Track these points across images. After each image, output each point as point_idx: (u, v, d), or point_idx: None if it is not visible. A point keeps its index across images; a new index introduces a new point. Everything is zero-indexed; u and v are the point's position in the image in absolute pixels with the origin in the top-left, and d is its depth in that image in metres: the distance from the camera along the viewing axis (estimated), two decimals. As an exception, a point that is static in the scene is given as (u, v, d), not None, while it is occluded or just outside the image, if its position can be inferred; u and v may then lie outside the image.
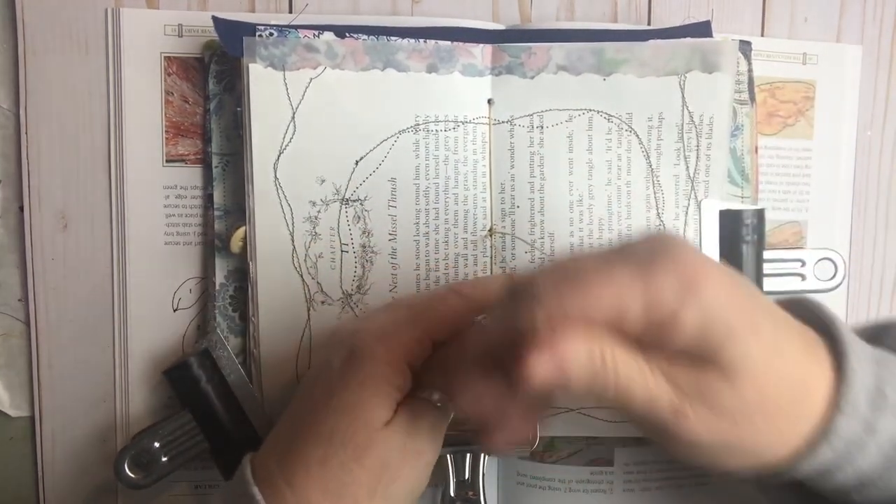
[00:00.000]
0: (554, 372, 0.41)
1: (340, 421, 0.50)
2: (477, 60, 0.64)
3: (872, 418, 0.44)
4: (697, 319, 0.41)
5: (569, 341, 0.41)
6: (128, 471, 0.61)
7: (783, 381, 0.44)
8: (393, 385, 0.51)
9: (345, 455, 0.50)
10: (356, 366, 0.51)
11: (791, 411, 0.44)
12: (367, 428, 0.50)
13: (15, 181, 0.65)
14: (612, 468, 0.68)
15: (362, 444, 0.50)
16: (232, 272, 0.65)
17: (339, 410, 0.51)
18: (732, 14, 0.69)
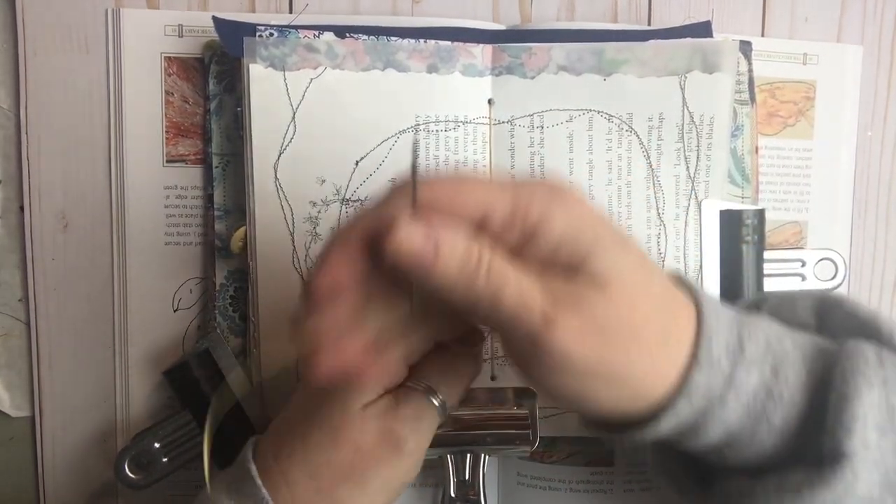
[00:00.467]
0: (426, 248, 0.40)
1: (323, 400, 0.51)
2: (477, 60, 0.64)
3: (731, 371, 0.44)
4: (564, 223, 0.41)
5: (447, 228, 0.41)
6: (128, 471, 0.62)
7: (653, 303, 0.43)
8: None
9: (321, 435, 0.50)
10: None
11: (661, 343, 0.43)
12: (342, 409, 0.50)
13: (15, 181, 0.65)
14: (612, 468, 0.68)
15: (336, 426, 0.50)
16: (232, 272, 0.65)
17: (322, 392, 0.51)
18: (733, 14, 0.69)
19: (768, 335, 0.45)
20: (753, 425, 0.45)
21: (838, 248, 0.69)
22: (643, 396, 0.44)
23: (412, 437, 0.51)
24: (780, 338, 0.46)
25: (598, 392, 0.43)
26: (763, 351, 0.44)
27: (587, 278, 0.42)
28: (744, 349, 0.44)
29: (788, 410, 0.44)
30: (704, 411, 0.44)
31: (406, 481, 0.53)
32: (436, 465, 0.65)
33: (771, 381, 0.44)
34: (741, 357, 0.44)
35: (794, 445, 0.45)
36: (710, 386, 0.44)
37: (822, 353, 0.46)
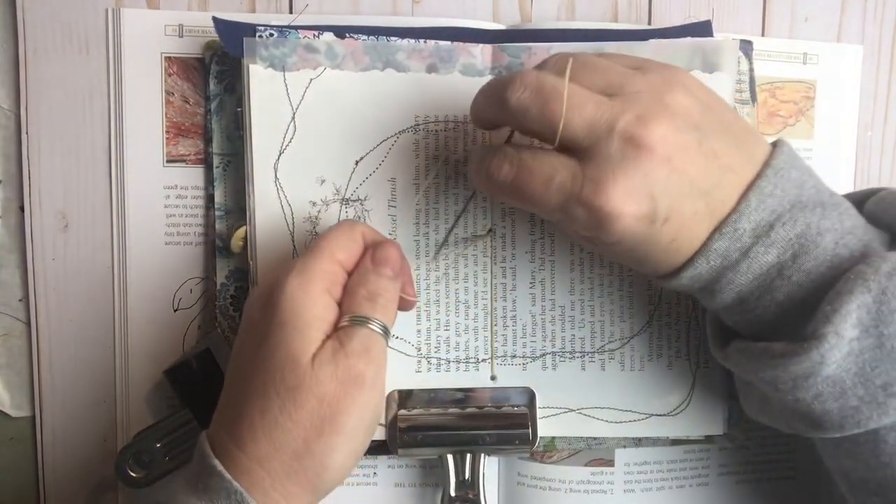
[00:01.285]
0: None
1: (269, 368, 0.51)
2: (477, 60, 0.64)
3: (751, 245, 0.50)
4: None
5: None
6: (129, 470, 0.62)
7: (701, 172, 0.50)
8: (313, 316, 0.52)
9: (280, 401, 0.51)
10: (273, 309, 0.52)
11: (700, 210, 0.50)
12: (294, 365, 0.51)
13: (15, 181, 0.65)
14: (613, 469, 0.68)
15: (293, 384, 0.51)
16: (233, 272, 0.65)
17: (267, 358, 0.52)
18: (733, 14, 0.69)
19: (810, 226, 0.50)
20: (760, 294, 0.51)
21: (838, 248, 0.69)
22: (680, 251, 0.51)
23: (369, 368, 0.52)
24: (824, 231, 0.50)
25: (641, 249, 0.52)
26: (793, 237, 0.50)
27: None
28: (771, 231, 0.50)
29: (792, 290, 0.50)
30: (719, 272, 0.51)
31: (378, 414, 0.54)
32: (436, 464, 0.66)
33: (787, 262, 0.50)
34: (765, 237, 0.50)
35: (789, 322, 0.51)
36: (728, 252, 0.50)
37: (861, 256, 0.50)
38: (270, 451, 0.51)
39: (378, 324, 0.54)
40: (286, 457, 0.51)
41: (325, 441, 0.51)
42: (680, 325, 0.65)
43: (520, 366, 0.65)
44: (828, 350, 0.47)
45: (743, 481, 0.70)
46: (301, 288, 0.52)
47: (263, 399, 0.51)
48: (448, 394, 0.65)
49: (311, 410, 0.50)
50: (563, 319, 0.65)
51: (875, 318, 0.47)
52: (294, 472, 0.51)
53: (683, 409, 0.65)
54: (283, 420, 0.51)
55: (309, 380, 0.51)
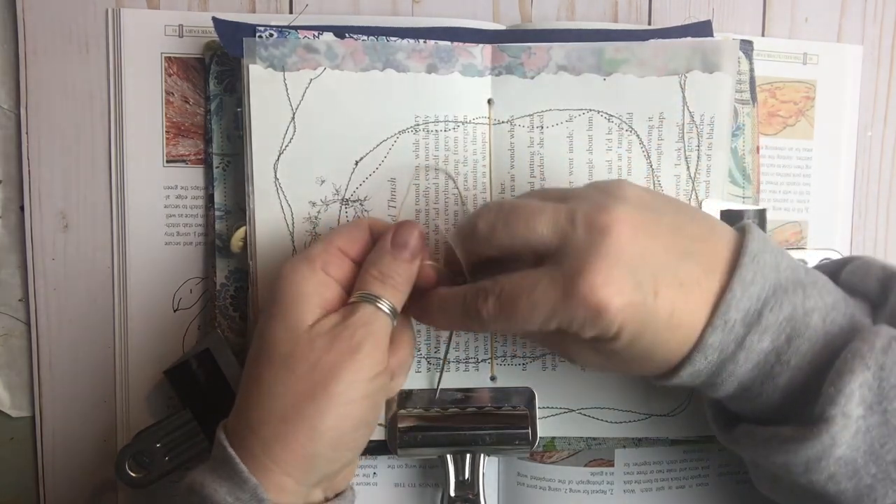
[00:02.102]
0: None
1: (266, 340, 0.53)
2: (477, 60, 0.64)
3: (744, 335, 0.50)
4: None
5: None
6: (129, 470, 0.62)
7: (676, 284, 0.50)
8: (307, 291, 0.54)
9: (273, 367, 0.52)
10: (272, 292, 0.55)
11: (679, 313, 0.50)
12: (289, 334, 0.53)
13: (15, 181, 0.65)
14: (613, 469, 0.68)
15: (288, 351, 0.52)
16: (233, 272, 0.65)
17: (265, 332, 0.54)
18: (733, 14, 0.69)
19: (796, 307, 0.50)
20: (762, 381, 0.51)
21: (838, 248, 0.69)
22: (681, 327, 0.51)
23: (367, 339, 0.53)
24: (810, 311, 0.50)
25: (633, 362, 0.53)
26: (783, 320, 0.50)
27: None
28: (760, 318, 0.50)
29: (794, 374, 0.50)
30: (718, 365, 0.51)
31: (375, 385, 0.54)
32: (436, 464, 0.66)
33: (783, 347, 0.50)
34: (756, 324, 0.50)
35: (795, 405, 0.51)
36: (724, 345, 0.50)
37: (850, 331, 0.50)
38: (262, 416, 0.52)
39: (386, 303, 0.55)
40: (276, 421, 0.51)
41: (316, 405, 0.51)
42: (680, 326, 0.65)
43: (519, 366, 0.65)
44: (838, 432, 0.47)
45: (743, 481, 0.70)
46: (292, 269, 0.55)
47: (258, 367, 0.53)
48: (448, 394, 0.65)
49: (303, 375, 0.51)
50: (562, 319, 0.65)
51: (878, 395, 0.47)
52: (283, 437, 0.51)
53: (683, 409, 0.65)
54: (275, 385, 0.52)
55: (304, 346, 0.52)
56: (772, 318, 0.50)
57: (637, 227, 0.49)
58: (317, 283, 0.54)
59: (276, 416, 0.51)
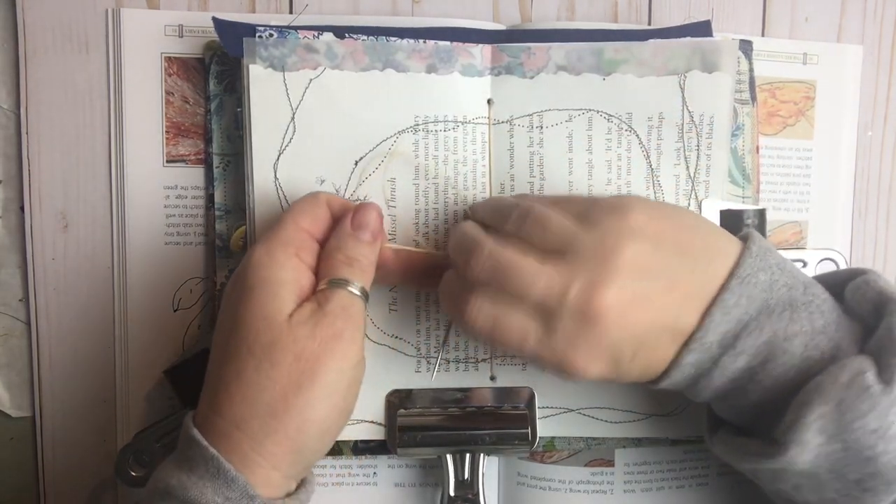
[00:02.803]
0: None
1: (243, 330, 0.52)
2: (476, 60, 0.64)
3: (720, 356, 0.51)
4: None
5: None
6: (129, 469, 0.62)
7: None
8: (283, 279, 0.53)
9: (255, 360, 0.51)
10: (243, 277, 0.54)
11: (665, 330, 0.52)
12: (268, 324, 0.52)
13: (15, 181, 0.65)
14: (613, 469, 0.68)
15: (269, 342, 0.51)
16: (233, 272, 0.64)
17: (240, 322, 0.52)
18: (733, 14, 0.69)
19: (776, 332, 0.51)
20: (736, 395, 0.53)
21: (838, 248, 0.69)
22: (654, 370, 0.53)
23: (347, 325, 0.53)
24: (791, 336, 0.51)
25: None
26: (760, 344, 0.51)
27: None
28: (737, 341, 0.51)
29: (764, 394, 0.52)
30: (695, 379, 0.53)
31: (359, 374, 0.55)
32: (435, 464, 0.66)
33: (758, 368, 0.51)
34: (731, 347, 0.51)
35: (764, 420, 0.52)
36: (700, 363, 0.52)
37: (830, 358, 0.51)
38: (248, 412, 0.51)
39: (357, 286, 0.55)
40: (264, 415, 0.51)
41: (305, 396, 0.51)
42: (679, 326, 0.65)
43: (519, 366, 0.65)
44: (796, 455, 0.49)
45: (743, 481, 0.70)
46: (267, 254, 0.54)
47: (237, 360, 0.52)
48: (448, 394, 0.65)
49: (288, 367, 0.51)
50: (562, 319, 0.65)
51: (838, 426, 0.48)
52: (273, 431, 0.51)
53: (683, 409, 0.65)
54: (259, 379, 0.51)
55: (285, 337, 0.51)
56: (749, 342, 0.51)
57: (627, 309, 0.50)
58: (291, 270, 0.54)
59: (263, 411, 0.51)
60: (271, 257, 0.53)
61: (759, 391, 0.52)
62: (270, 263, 0.53)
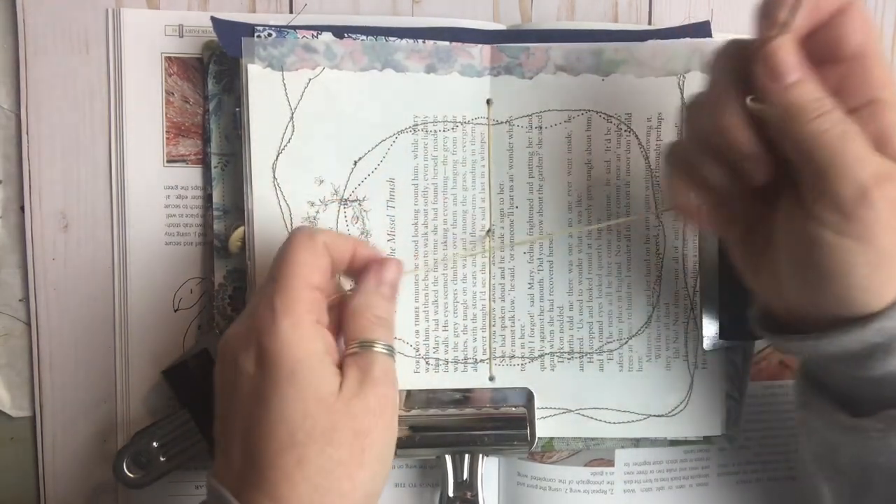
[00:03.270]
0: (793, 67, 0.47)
1: (292, 418, 0.49)
2: (475, 61, 0.64)
3: None
4: None
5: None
6: (126, 470, 0.62)
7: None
8: (318, 352, 0.50)
9: (316, 445, 0.48)
10: (274, 359, 0.50)
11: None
12: (325, 407, 0.49)
13: (15, 181, 0.65)
14: (613, 469, 0.68)
15: (328, 426, 0.49)
16: (231, 272, 0.65)
17: (286, 410, 0.49)
18: (733, 14, 0.69)
19: None
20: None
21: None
22: (859, 306, 0.47)
23: (392, 390, 0.52)
24: None
25: (833, 283, 0.47)
26: None
27: None
28: None
29: None
30: (886, 344, 0.47)
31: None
32: (434, 465, 0.66)
33: None
34: None
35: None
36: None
37: None
38: (316, 497, 0.48)
39: (388, 346, 0.53)
40: (334, 497, 0.49)
41: (367, 470, 0.50)
42: (678, 326, 0.65)
43: (518, 366, 0.65)
44: None
45: (743, 481, 0.70)
46: (295, 329, 0.50)
47: (296, 449, 0.48)
48: (446, 394, 0.65)
49: (349, 445, 0.49)
50: (561, 320, 0.65)
51: None
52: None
53: (681, 409, 0.65)
54: (323, 463, 0.49)
55: (343, 417, 0.49)
56: None
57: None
58: (321, 341, 0.51)
59: (333, 493, 0.49)
60: (301, 332, 0.50)
61: None
62: (302, 340, 0.50)
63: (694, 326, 0.65)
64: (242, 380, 0.50)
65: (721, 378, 0.65)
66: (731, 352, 0.66)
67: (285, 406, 0.49)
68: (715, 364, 0.65)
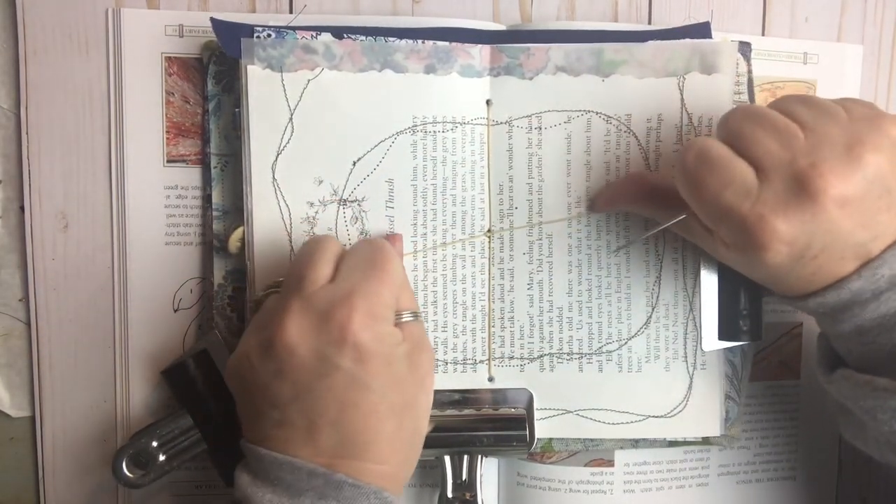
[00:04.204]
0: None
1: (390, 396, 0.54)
2: (475, 61, 0.64)
3: (884, 290, 0.52)
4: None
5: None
6: (125, 470, 0.62)
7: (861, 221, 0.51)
8: (400, 339, 0.56)
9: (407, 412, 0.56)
10: (374, 354, 0.53)
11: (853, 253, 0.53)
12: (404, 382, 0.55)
13: (15, 181, 0.65)
14: (612, 469, 0.68)
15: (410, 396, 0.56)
16: (230, 272, 0.65)
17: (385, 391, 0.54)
18: (733, 14, 0.69)
19: None
20: (879, 332, 0.53)
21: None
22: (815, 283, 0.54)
23: (431, 351, 0.59)
24: None
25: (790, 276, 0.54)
26: None
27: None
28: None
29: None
30: (846, 305, 0.53)
31: None
32: (433, 465, 0.66)
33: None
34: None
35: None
36: (861, 292, 0.52)
37: None
38: (409, 453, 0.57)
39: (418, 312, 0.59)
40: (417, 449, 0.58)
41: (427, 421, 0.59)
42: (677, 328, 0.65)
43: (517, 367, 0.65)
44: None
45: (743, 482, 0.70)
46: (385, 328, 0.55)
47: (391, 419, 0.55)
48: (446, 395, 0.65)
49: (420, 408, 0.57)
50: (560, 321, 0.65)
51: None
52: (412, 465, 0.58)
53: (680, 410, 0.65)
54: (411, 424, 0.57)
55: (412, 385, 0.56)
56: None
57: (846, 202, 0.50)
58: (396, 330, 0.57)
59: (418, 445, 0.58)
60: (389, 328, 0.55)
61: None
62: (391, 335, 0.55)
63: (693, 327, 0.65)
64: (334, 373, 0.53)
65: (720, 379, 0.65)
66: (731, 352, 0.66)
67: (384, 391, 0.54)
68: (714, 365, 0.65)
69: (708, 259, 0.63)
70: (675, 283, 0.65)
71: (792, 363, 0.70)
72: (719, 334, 0.64)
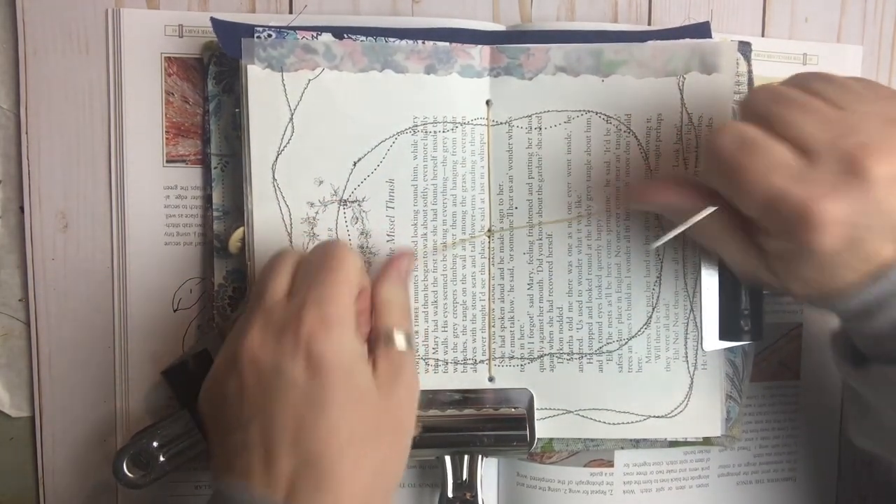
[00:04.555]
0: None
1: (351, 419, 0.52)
2: (475, 62, 0.64)
3: None
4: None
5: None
6: (126, 470, 0.61)
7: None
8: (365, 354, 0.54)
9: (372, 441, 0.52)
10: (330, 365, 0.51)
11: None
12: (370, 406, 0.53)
13: (15, 181, 0.65)
14: (612, 469, 0.68)
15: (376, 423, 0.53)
16: (231, 273, 0.65)
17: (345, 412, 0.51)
18: (733, 14, 0.69)
19: None
20: None
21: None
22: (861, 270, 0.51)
23: (416, 379, 0.57)
24: None
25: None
26: None
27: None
28: None
29: None
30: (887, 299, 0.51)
31: None
32: (433, 465, 0.66)
33: None
34: None
35: None
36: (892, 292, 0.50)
37: None
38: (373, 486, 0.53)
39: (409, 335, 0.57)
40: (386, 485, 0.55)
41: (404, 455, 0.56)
42: (678, 327, 0.65)
43: (518, 367, 0.65)
44: None
45: (743, 482, 0.70)
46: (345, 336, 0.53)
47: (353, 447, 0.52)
48: (446, 395, 0.65)
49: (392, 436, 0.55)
50: (560, 321, 0.65)
51: None
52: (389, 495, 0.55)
53: (681, 410, 0.65)
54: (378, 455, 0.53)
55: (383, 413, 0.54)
56: None
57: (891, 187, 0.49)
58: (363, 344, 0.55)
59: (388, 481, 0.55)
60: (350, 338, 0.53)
61: None
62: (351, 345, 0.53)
63: (694, 327, 0.65)
64: (290, 388, 0.51)
65: (721, 379, 0.65)
66: (731, 352, 0.66)
67: (343, 409, 0.51)
68: (714, 365, 0.65)
69: (708, 259, 0.64)
70: (675, 282, 0.65)
71: (792, 364, 0.70)
72: (720, 334, 0.64)
